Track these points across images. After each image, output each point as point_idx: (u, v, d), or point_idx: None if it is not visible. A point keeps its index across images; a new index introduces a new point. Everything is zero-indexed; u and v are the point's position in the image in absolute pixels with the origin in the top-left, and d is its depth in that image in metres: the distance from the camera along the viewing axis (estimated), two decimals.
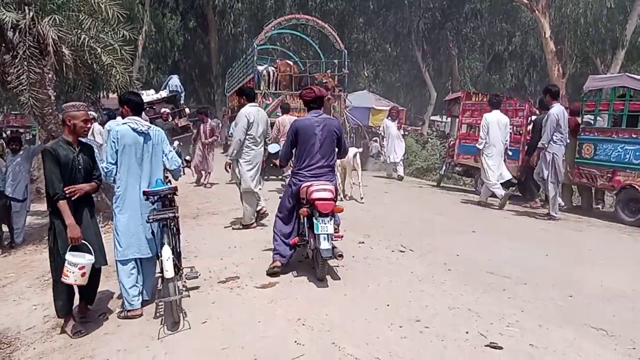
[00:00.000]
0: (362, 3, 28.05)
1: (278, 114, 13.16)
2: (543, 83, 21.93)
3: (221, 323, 3.73)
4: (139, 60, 22.53)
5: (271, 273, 4.68)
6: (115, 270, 4.28)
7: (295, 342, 3.34)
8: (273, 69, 13.22)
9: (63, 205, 3.77)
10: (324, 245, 4.33)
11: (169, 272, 3.70)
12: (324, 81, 13.36)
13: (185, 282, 4.26)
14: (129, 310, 4.09)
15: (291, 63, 14.27)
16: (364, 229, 6.63)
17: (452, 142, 11.68)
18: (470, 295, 4.16)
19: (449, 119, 23.18)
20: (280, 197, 5.25)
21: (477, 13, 27.21)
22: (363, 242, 5.92)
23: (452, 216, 7.82)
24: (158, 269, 4.03)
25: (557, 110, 7.37)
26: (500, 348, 3.19)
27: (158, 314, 4.02)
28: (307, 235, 4.69)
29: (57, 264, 3.83)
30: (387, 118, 13.06)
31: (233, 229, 6.85)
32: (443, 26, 27.87)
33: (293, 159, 5.00)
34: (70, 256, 3.73)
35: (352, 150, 8.48)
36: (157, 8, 26.25)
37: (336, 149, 4.92)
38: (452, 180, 14.21)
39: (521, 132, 9.42)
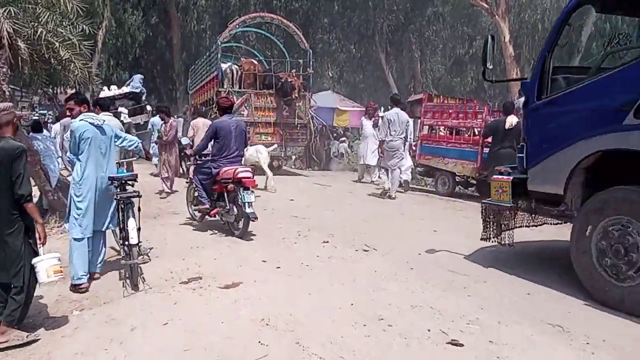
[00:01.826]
0: (326, 3, 28.12)
1: (242, 112, 13.10)
2: (503, 87, 22.53)
3: (183, 324, 3.66)
4: (98, 56, 21.89)
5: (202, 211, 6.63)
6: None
7: (259, 342, 3.31)
8: (237, 67, 13.11)
9: (33, 206, 3.67)
10: (249, 209, 5.86)
11: (134, 239, 4.53)
12: (290, 80, 13.34)
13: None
14: (77, 285, 4.51)
15: (255, 62, 14.19)
16: (329, 229, 6.65)
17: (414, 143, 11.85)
18: (432, 293, 4.23)
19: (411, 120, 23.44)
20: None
21: (440, 16, 27.70)
22: (327, 242, 5.94)
23: (415, 215, 7.93)
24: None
25: (392, 112, 9.50)
26: (461, 345, 3.26)
27: (117, 313, 3.92)
28: (227, 204, 6.19)
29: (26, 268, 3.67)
30: (364, 116, 12.79)
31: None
32: (406, 29, 28.23)
33: (211, 149, 6.46)
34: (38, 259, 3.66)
35: (254, 148, 10.45)
36: (117, 3, 25.57)
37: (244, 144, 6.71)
38: (414, 180, 14.42)
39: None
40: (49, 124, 15.81)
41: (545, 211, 5.08)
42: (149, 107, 17.66)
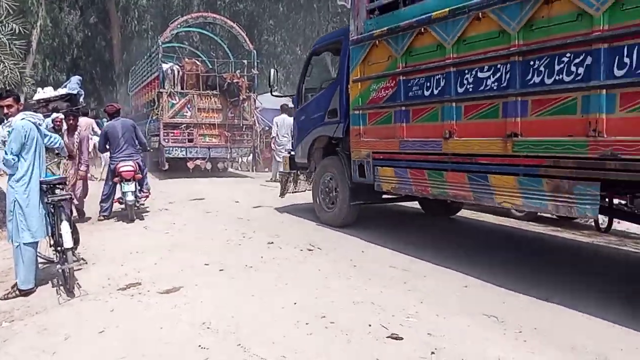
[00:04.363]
0: (271, 5, 28.05)
1: (185, 114, 12.87)
2: None
3: (120, 332, 3.55)
4: (33, 57, 20.92)
5: (100, 219, 7.60)
6: None
7: (199, 346, 3.25)
8: (178, 67, 12.85)
9: None
10: (129, 197, 7.29)
11: (68, 242, 4.42)
12: (236, 81, 13.22)
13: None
14: (24, 291, 4.42)
15: (198, 62, 13.96)
16: (274, 230, 6.64)
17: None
18: (374, 289, 4.29)
19: None
20: None
21: None
22: (272, 243, 5.92)
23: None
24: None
25: (280, 117, 12.14)
26: (401, 339, 3.32)
27: (50, 322, 3.74)
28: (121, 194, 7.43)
29: None
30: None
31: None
32: None
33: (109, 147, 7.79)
34: None
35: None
36: (53, 2, 24.48)
37: (136, 139, 7.81)
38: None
39: None
40: None
41: (304, 172, 8.10)
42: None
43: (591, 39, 3.65)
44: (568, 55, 3.82)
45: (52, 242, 4.82)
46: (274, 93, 8.60)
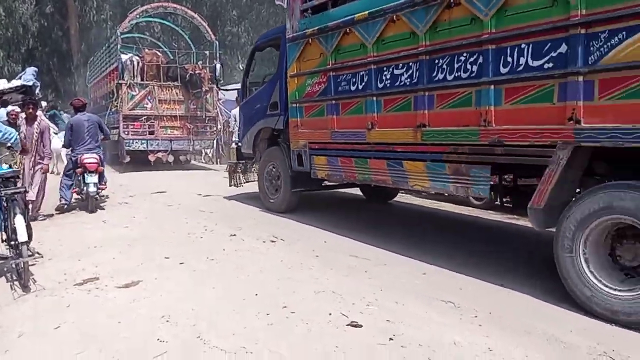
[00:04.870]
0: None
1: (145, 105, 12.61)
2: None
3: (76, 327, 3.47)
4: None
5: (59, 208, 7.62)
6: None
7: (158, 339, 3.21)
8: (138, 58, 12.57)
9: None
10: (92, 188, 7.49)
11: (23, 236, 4.28)
12: (198, 72, 13.02)
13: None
14: None
15: (159, 53, 13.69)
16: (237, 222, 6.61)
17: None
18: (334, 278, 4.34)
19: None
20: None
21: None
22: (235, 235, 5.89)
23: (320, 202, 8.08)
24: None
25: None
26: (360, 326, 3.36)
27: (3, 320, 3.63)
28: (82, 185, 7.63)
29: None
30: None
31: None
32: None
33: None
34: None
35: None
36: None
37: (101, 134, 8.10)
38: None
39: None
40: None
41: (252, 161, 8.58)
42: (44, 103, 16.48)
43: (481, 40, 4.13)
44: (465, 54, 4.32)
45: (4, 237, 4.66)
46: (219, 86, 9.71)
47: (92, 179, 7.49)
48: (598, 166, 3.92)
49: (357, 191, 8.61)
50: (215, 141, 14.30)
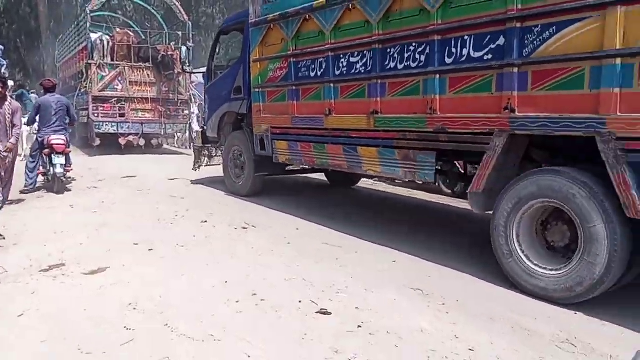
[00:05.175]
0: None
1: (116, 87, 12.31)
2: None
3: (41, 314, 3.40)
4: None
5: (23, 191, 7.51)
6: None
7: (125, 327, 3.17)
8: (108, 37, 12.23)
9: None
10: (59, 169, 7.46)
11: None
12: (170, 54, 12.75)
13: None
14: None
15: (130, 32, 13.33)
16: (209, 208, 6.55)
17: None
18: (306, 265, 4.35)
19: None
20: None
21: None
22: (206, 221, 5.84)
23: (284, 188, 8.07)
24: None
25: None
26: (329, 313, 3.38)
27: None
28: (48, 166, 7.64)
29: None
30: None
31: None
32: None
33: (37, 122, 8.00)
34: None
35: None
36: None
37: (67, 117, 8.02)
38: None
39: None
40: None
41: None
42: (10, 82, 15.92)
43: (428, 31, 4.31)
44: (414, 44, 4.50)
45: None
46: (186, 69, 10.23)
47: (59, 160, 7.47)
48: (535, 153, 4.18)
49: (321, 176, 8.66)
50: (187, 125, 14.07)
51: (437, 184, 5.45)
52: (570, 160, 3.86)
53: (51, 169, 7.56)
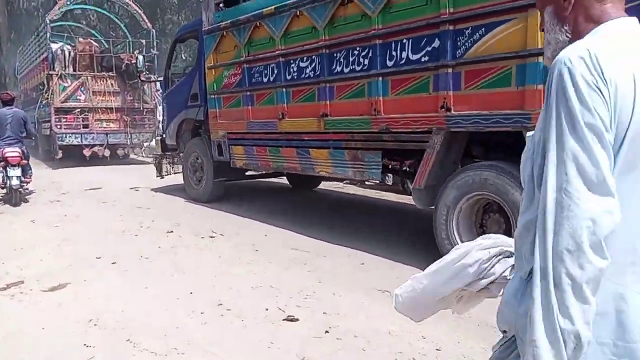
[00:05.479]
0: None
1: (79, 97, 12.04)
2: None
3: None
4: None
5: None
6: None
7: (85, 345, 3.06)
8: (69, 47, 11.95)
9: None
10: (14, 181, 7.46)
11: None
12: (134, 62, 12.53)
13: None
14: None
15: (93, 42, 13.06)
16: (175, 217, 6.43)
17: None
18: (274, 272, 4.29)
19: None
20: None
21: None
22: (172, 231, 5.74)
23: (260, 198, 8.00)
24: None
25: None
26: (297, 320, 3.34)
27: None
28: (5, 179, 7.52)
29: None
30: None
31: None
32: None
33: None
34: None
35: None
36: None
37: (24, 130, 7.97)
38: None
39: None
40: None
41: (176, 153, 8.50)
42: None
43: (370, 35, 4.46)
44: (358, 48, 4.65)
45: None
46: (142, 78, 10.22)
47: (14, 172, 7.47)
48: (474, 149, 4.38)
49: (283, 180, 8.65)
50: (154, 133, 13.83)
51: (389, 183, 5.57)
52: (508, 154, 4.02)
53: (7, 181, 7.51)
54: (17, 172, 7.54)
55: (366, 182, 7.96)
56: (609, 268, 0.90)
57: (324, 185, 8.68)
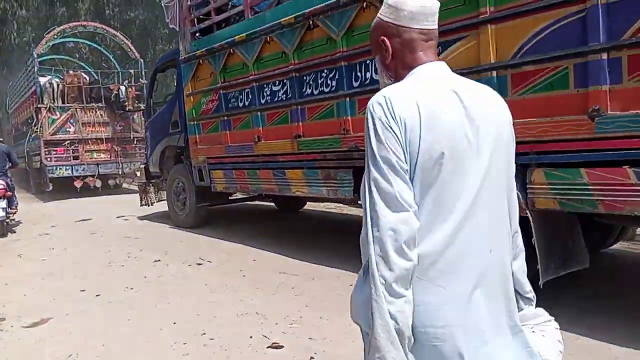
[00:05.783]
0: (163, 13, 27.04)
1: (68, 130, 12.04)
2: None
3: None
4: None
5: None
6: None
7: None
8: (58, 80, 11.99)
9: None
10: (0, 213, 7.62)
11: None
12: (116, 93, 12.57)
13: None
14: None
15: (82, 73, 13.12)
16: (163, 247, 6.35)
17: None
18: (260, 298, 4.20)
19: None
20: None
21: None
22: (159, 260, 5.65)
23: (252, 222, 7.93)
24: None
25: None
26: (281, 347, 3.25)
27: None
28: None
29: None
30: None
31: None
32: None
33: None
34: None
35: None
36: None
37: (9, 162, 8.21)
38: None
39: None
40: None
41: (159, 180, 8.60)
42: None
43: (336, 58, 4.60)
44: (325, 71, 4.78)
45: None
46: (127, 108, 10.44)
47: (0, 204, 7.69)
48: None
49: (270, 202, 8.61)
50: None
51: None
52: None
53: None
54: (3, 203, 7.74)
55: (359, 202, 7.95)
56: (417, 267, 1.11)
57: (311, 206, 8.63)
